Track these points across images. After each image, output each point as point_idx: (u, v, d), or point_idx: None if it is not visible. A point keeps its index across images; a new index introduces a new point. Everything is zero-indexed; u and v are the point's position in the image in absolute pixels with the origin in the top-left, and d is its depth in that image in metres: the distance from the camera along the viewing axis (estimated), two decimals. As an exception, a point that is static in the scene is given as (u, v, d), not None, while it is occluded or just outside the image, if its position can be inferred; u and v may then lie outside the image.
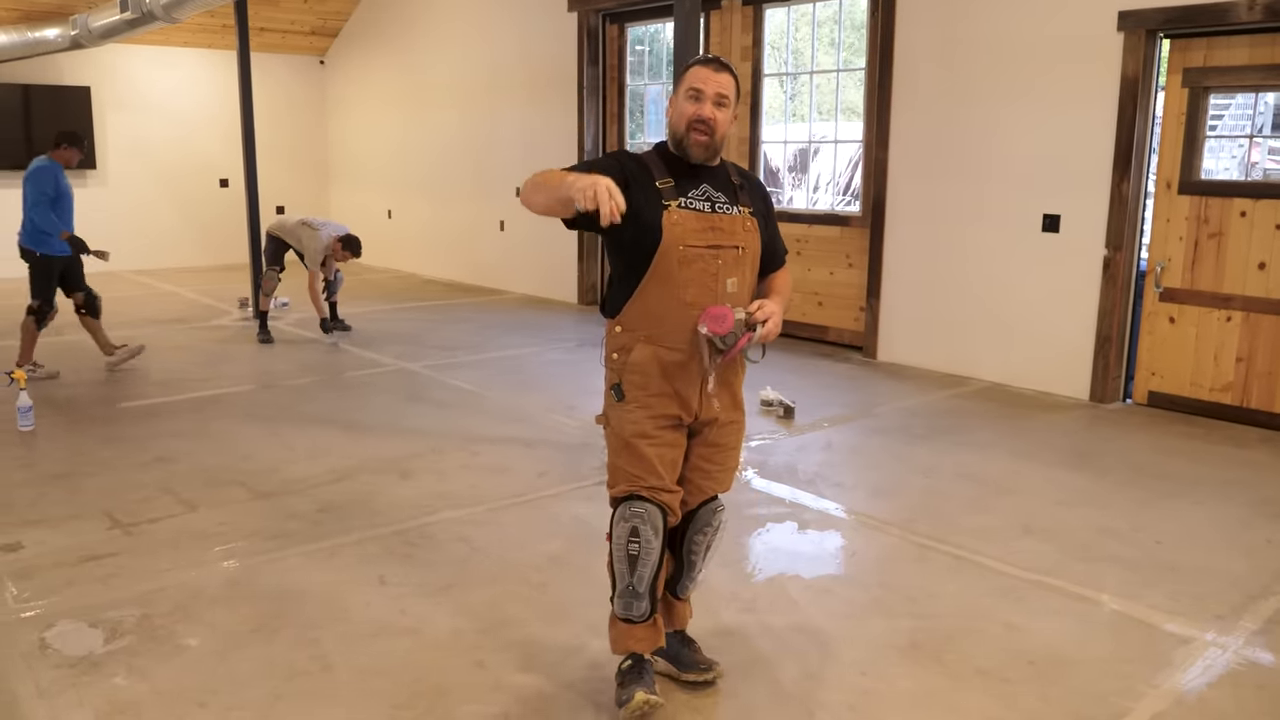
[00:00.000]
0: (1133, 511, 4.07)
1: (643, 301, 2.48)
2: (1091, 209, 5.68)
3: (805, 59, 7.76)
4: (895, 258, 6.73)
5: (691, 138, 2.47)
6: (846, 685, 2.73)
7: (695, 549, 2.67)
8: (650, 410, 2.51)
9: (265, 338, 7.48)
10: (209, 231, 11.91)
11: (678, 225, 2.45)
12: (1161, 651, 2.93)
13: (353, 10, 11.89)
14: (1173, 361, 5.58)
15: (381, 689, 2.70)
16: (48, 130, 10.58)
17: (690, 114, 2.46)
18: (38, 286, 6.30)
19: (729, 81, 2.49)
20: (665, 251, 2.45)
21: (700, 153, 2.49)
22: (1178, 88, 5.39)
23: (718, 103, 2.47)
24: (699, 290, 2.46)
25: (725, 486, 2.70)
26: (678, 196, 2.48)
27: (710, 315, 2.38)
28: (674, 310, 2.46)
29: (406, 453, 4.78)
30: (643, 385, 2.51)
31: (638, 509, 2.49)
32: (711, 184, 2.55)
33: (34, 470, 4.50)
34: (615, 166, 2.47)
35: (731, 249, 2.51)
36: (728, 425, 2.62)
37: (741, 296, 2.52)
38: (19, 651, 2.88)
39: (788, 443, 5.00)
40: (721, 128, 2.49)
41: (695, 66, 2.51)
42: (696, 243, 2.47)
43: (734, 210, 2.54)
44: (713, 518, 2.68)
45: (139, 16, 8.22)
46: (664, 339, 2.49)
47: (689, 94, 2.47)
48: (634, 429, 2.52)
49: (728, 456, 2.67)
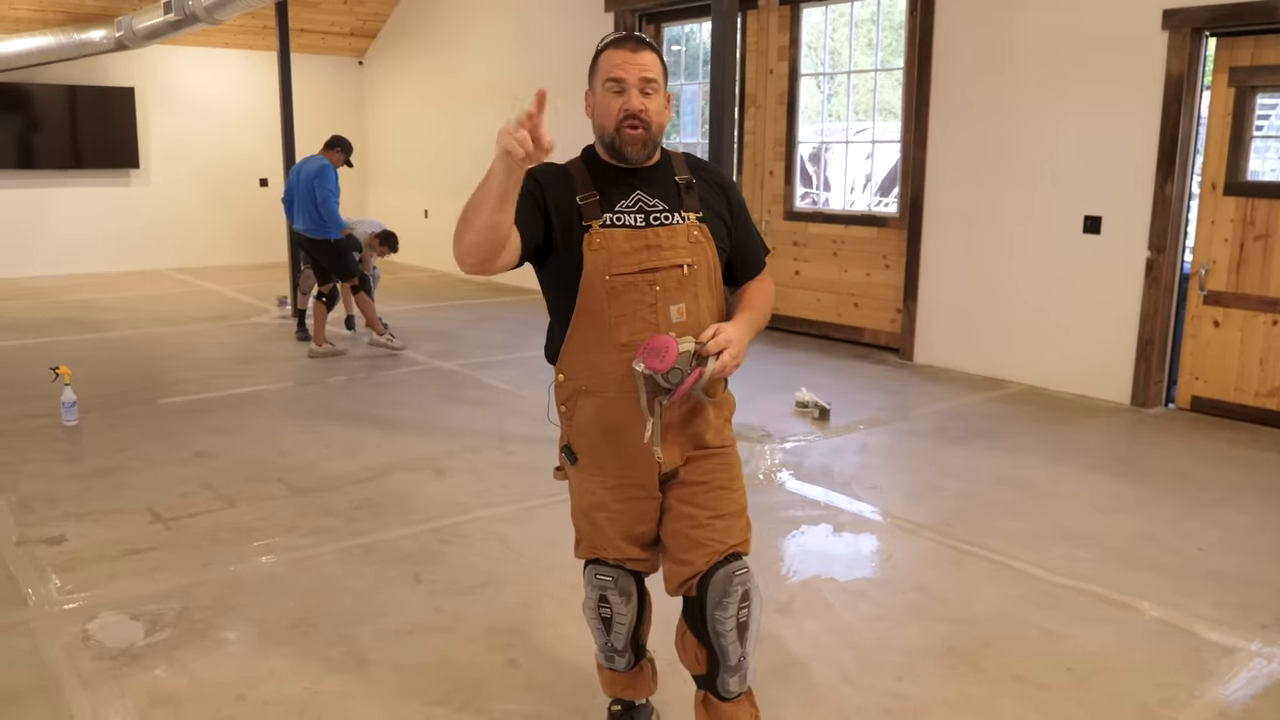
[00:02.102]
0: (1174, 518, 4.01)
1: (577, 345, 2.08)
2: (1134, 210, 5.60)
3: (843, 59, 7.72)
4: (933, 259, 6.67)
5: (625, 135, 2.05)
6: (882, 690, 2.71)
7: (722, 630, 2.10)
8: (605, 477, 2.14)
9: (303, 335, 7.55)
10: (249, 230, 12.05)
11: (600, 250, 2.04)
12: (1204, 661, 2.89)
13: (391, 11, 11.98)
14: (1217, 366, 5.49)
15: (416, 685, 2.71)
16: (93, 130, 10.84)
17: (617, 110, 2.05)
18: (344, 266, 7.01)
19: (652, 61, 2.07)
20: (589, 283, 2.05)
21: (638, 151, 2.08)
22: (1223, 87, 5.30)
23: (645, 90, 2.06)
24: (635, 326, 2.04)
25: (730, 538, 2.13)
26: (602, 213, 2.07)
27: (648, 348, 1.97)
28: (609, 354, 2.05)
29: (441, 451, 4.81)
30: (591, 447, 2.14)
31: (604, 576, 2.23)
32: (647, 189, 2.11)
33: (78, 465, 4.57)
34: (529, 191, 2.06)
35: (672, 269, 2.07)
36: (705, 460, 2.14)
37: (697, 323, 2.08)
38: (62, 642, 2.93)
39: (823, 444, 4.98)
40: (656, 118, 2.08)
41: (608, 50, 2.08)
42: (626, 268, 2.04)
43: (675, 219, 2.10)
44: (730, 586, 2.09)
45: (182, 18, 8.33)
46: (605, 389, 2.08)
47: (609, 86, 2.05)
48: (590, 500, 2.18)
49: (717, 498, 2.13)
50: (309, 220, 6.85)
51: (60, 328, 7.92)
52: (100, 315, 8.51)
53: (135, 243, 11.41)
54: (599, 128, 2.09)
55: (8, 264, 10.71)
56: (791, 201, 7.73)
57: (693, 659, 2.19)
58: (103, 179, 11.14)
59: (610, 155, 2.10)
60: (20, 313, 8.55)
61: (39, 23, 10.05)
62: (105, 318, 8.39)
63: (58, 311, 8.66)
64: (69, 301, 9.24)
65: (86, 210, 11.08)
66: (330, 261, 6.99)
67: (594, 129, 2.11)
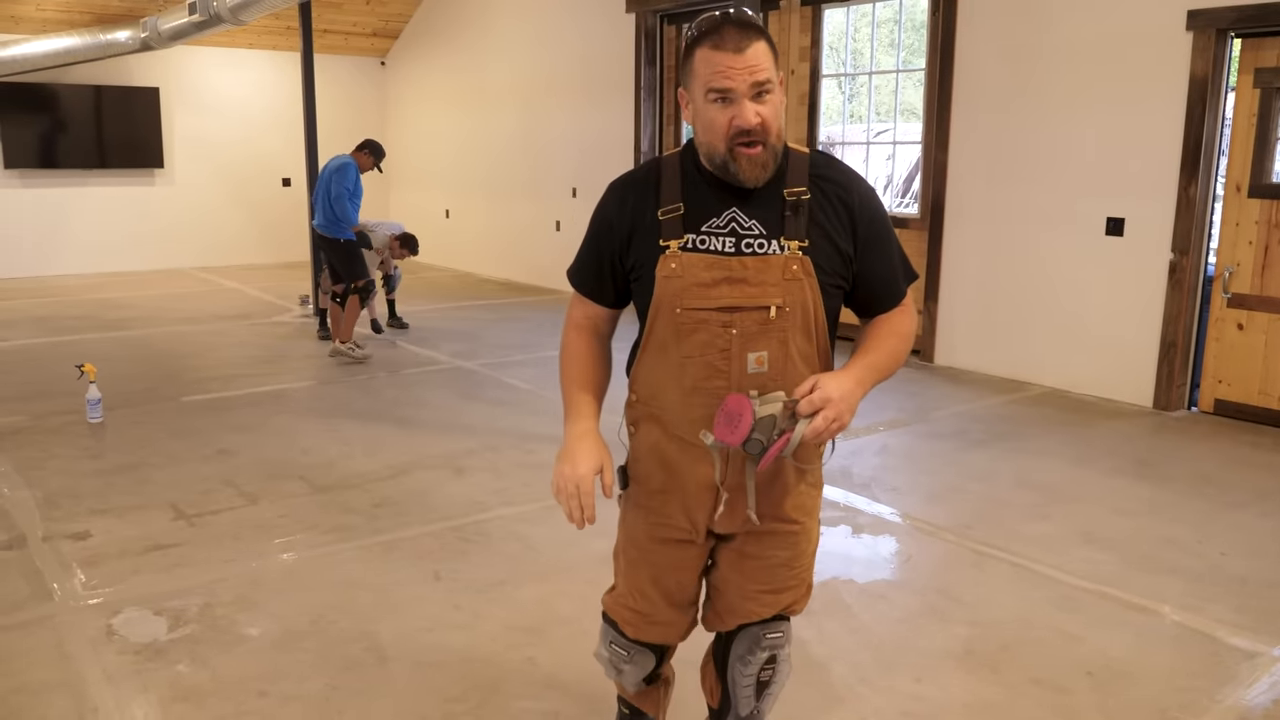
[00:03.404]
0: (1197, 522, 3.98)
1: (647, 369, 1.81)
2: (1157, 212, 5.56)
3: (864, 60, 7.70)
4: (954, 260, 6.65)
5: (741, 157, 1.67)
6: (900, 691, 2.71)
7: (739, 683, 1.98)
8: (648, 514, 1.89)
9: (325, 334, 7.59)
10: (271, 230, 12.13)
11: (675, 278, 1.72)
12: (1226, 666, 2.87)
13: (413, 12, 12.03)
14: (1241, 369, 5.44)
15: (435, 683, 2.73)
16: (118, 130, 10.94)
17: (726, 126, 1.65)
18: (350, 268, 6.91)
19: (764, 53, 1.64)
20: (658, 312, 1.75)
21: (758, 174, 1.70)
22: (1249, 88, 5.26)
23: (759, 95, 1.65)
24: (703, 373, 1.74)
25: (771, 610, 1.94)
26: (684, 232, 1.73)
27: (721, 415, 1.66)
28: (674, 393, 1.79)
29: (462, 449, 4.83)
30: (645, 477, 1.88)
31: (620, 650, 2.00)
32: (744, 206, 1.73)
33: (102, 461, 4.62)
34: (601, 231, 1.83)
35: (756, 311, 1.71)
36: (768, 536, 1.88)
37: (782, 375, 1.74)
38: (87, 637, 2.96)
39: (842, 446, 4.97)
40: (775, 124, 1.68)
41: (705, 49, 1.65)
42: (699, 303, 1.72)
43: (771, 248, 1.72)
44: (757, 646, 1.95)
45: (207, 19, 8.41)
46: (669, 422, 1.82)
47: (713, 97, 1.65)
48: (627, 532, 1.96)
49: (772, 574, 1.91)
50: (324, 217, 6.87)
51: (85, 326, 8.00)
52: (124, 313, 8.59)
53: (159, 242, 11.51)
54: (705, 145, 1.71)
55: (34, 262, 10.82)
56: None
57: (709, 689, 2.11)
58: (127, 178, 11.25)
59: (720, 174, 1.72)
60: (46, 311, 8.65)
61: (65, 23, 10.15)
62: (129, 316, 8.47)
63: (83, 310, 8.75)
64: (94, 300, 9.33)
65: (111, 209, 11.19)
66: (339, 261, 6.96)
67: (697, 141, 1.75)
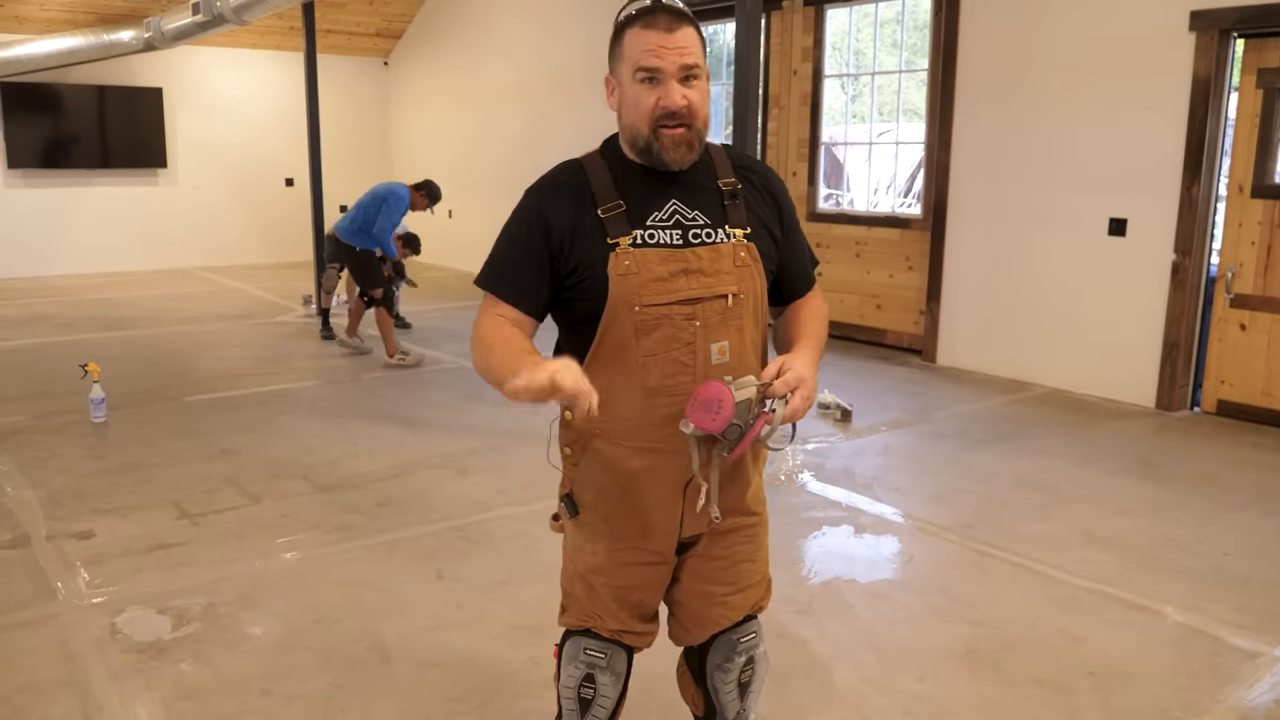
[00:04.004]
0: (1199, 522, 3.98)
1: (597, 379, 1.60)
2: (1160, 213, 5.56)
3: (867, 60, 7.70)
4: (956, 261, 6.65)
5: (665, 138, 1.66)
6: (902, 691, 2.71)
7: (722, 689, 1.95)
8: (611, 539, 1.81)
9: (328, 334, 7.60)
10: (274, 230, 12.14)
11: (630, 274, 1.67)
12: (1227, 666, 2.87)
13: (416, 12, 12.04)
14: (1243, 370, 5.44)
15: (438, 682, 2.74)
16: (122, 130, 10.96)
17: (652, 106, 1.65)
18: (366, 275, 6.87)
19: (692, 39, 1.65)
20: (613, 315, 1.68)
21: (682, 156, 1.69)
22: (1252, 89, 5.25)
23: (686, 78, 1.65)
24: (669, 369, 1.69)
25: (744, 611, 1.92)
26: (631, 228, 1.69)
27: (698, 403, 1.62)
28: (633, 398, 1.70)
29: (465, 449, 4.83)
30: (598, 502, 1.80)
31: (595, 653, 1.87)
32: (684, 198, 1.73)
33: (106, 461, 4.63)
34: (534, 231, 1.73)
35: (715, 300, 1.71)
36: (731, 534, 1.86)
37: (741, 363, 1.74)
38: (91, 636, 2.97)
39: (845, 446, 4.97)
40: (701, 110, 1.68)
41: (635, 29, 1.66)
42: (660, 297, 1.68)
43: (719, 236, 1.73)
44: (734, 652, 1.92)
45: (210, 19, 8.42)
46: (625, 437, 1.74)
47: (640, 76, 1.65)
48: (589, 562, 1.85)
49: (737, 573, 1.88)
50: (351, 227, 6.81)
51: (89, 326, 8.01)
52: (128, 313, 8.60)
53: (162, 242, 11.53)
54: (629, 127, 1.70)
55: (38, 262, 10.83)
56: (815, 202, 7.72)
57: (691, 699, 2.07)
58: (131, 178, 11.26)
59: (643, 159, 1.72)
60: (50, 310, 8.66)
61: (69, 24, 10.17)
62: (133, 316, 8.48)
63: (86, 309, 8.77)
64: (97, 300, 9.35)
65: (115, 209, 11.21)
66: (355, 268, 6.95)
67: (620, 125, 1.73)
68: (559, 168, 1.81)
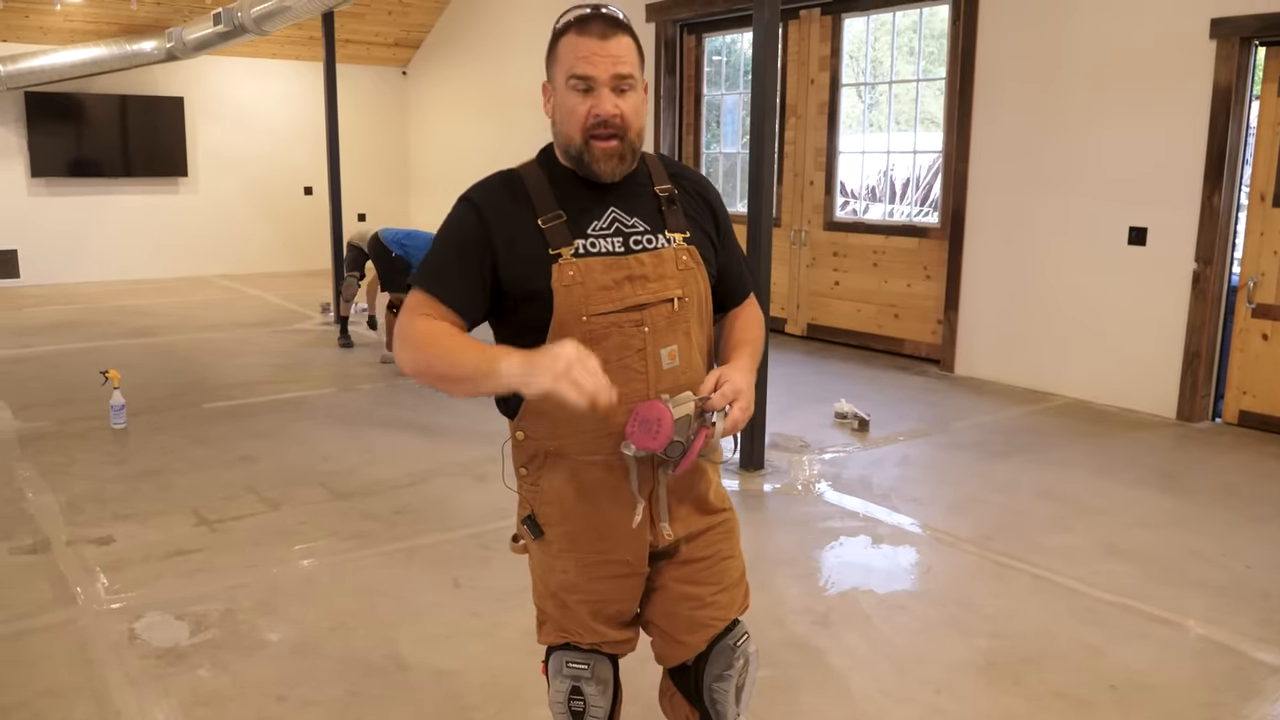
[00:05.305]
0: (1221, 534, 3.94)
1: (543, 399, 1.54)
2: (1180, 222, 5.52)
3: (884, 69, 7.69)
4: (974, 270, 6.62)
5: (596, 150, 1.66)
6: (920, 703, 2.69)
7: (721, 699, 1.91)
8: (579, 553, 1.78)
9: (346, 342, 7.64)
10: (294, 238, 12.22)
11: (575, 285, 1.65)
12: (1251, 680, 2.83)
13: (434, 22, 12.11)
14: (1266, 380, 5.39)
15: (454, 690, 2.74)
16: (144, 139, 11.06)
17: (584, 114, 1.65)
18: (390, 277, 6.90)
19: (628, 48, 1.65)
20: (560, 327, 1.64)
21: (613, 168, 1.68)
22: (1273, 97, 5.22)
23: (620, 87, 1.65)
24: (620, 376, 1.63)
25: (733, 610, 1.89)
26: (573, 238, 1.68)
27: (637, 423, 1.60)
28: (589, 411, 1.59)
29: (481, 457, 4.84)
30: (562, 519, 1.78)
31: (578, 665, 1.86)
32: (622, 205, 1.73)
33: (126, 467, 4.66)
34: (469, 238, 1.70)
35: (662, 305, 1.70)
36: (707, 532, 1.85)
37: (690, 367, 1.73)
38: (109, 641, 2.99)
39: (862, 456, 4.95)
40: (635, 121, 1.67)
41: (570, 35, 1.65)
42: (607, 306, 1.66)
43: (660, 241, 1.72)
44: (733, 658, 1.88)
45: (231, 29, 8.50)
46: (581, 450, 1.72)
47: (573, 84, 1.65)
48: (560, 580, 1.82)
49: (721, 571, 1.86)
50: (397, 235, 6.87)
51: (110, 333, 8.07)
52: (148, 321, 8.66)
53: (183, 250, 11.61)
54: (562, 135, 1.70)
55: (60, 269, 10.93)
56: (831, 211, 7.71)
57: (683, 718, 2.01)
58: (152, 187, 11.35)
59: (576, 168, 1.72)
60: (72, 317, 8.74)
61: (93, 34, 10.28)
62: (153, 323, 8.55)
63: (107, 317, 8.84)
64: (118, 307, 9.42)
65: (136, 218, 11.30)
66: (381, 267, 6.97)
67: (554, 133, 1.73)
68: (493, 176, 1.79)
